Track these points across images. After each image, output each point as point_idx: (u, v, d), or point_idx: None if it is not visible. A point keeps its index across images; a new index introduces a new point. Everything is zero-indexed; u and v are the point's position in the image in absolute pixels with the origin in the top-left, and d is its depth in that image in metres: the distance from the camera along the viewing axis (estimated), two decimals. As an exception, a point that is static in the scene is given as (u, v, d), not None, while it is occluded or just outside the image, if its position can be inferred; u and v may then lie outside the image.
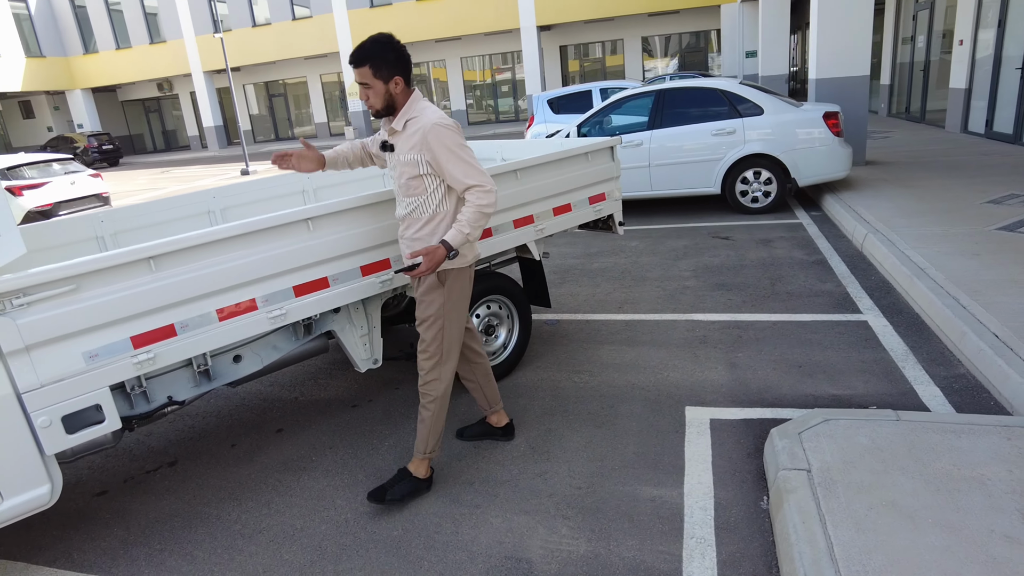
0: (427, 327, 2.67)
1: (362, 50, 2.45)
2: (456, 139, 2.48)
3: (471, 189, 2.48)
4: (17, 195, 10.16)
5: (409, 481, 2.76)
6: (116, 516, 2.88)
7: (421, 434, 2.74)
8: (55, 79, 29.87)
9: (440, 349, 2.68)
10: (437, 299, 2.64)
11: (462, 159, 2.47)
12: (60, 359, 2.27)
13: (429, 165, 2.50)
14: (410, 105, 2.55)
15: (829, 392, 3.25)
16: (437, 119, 2.48)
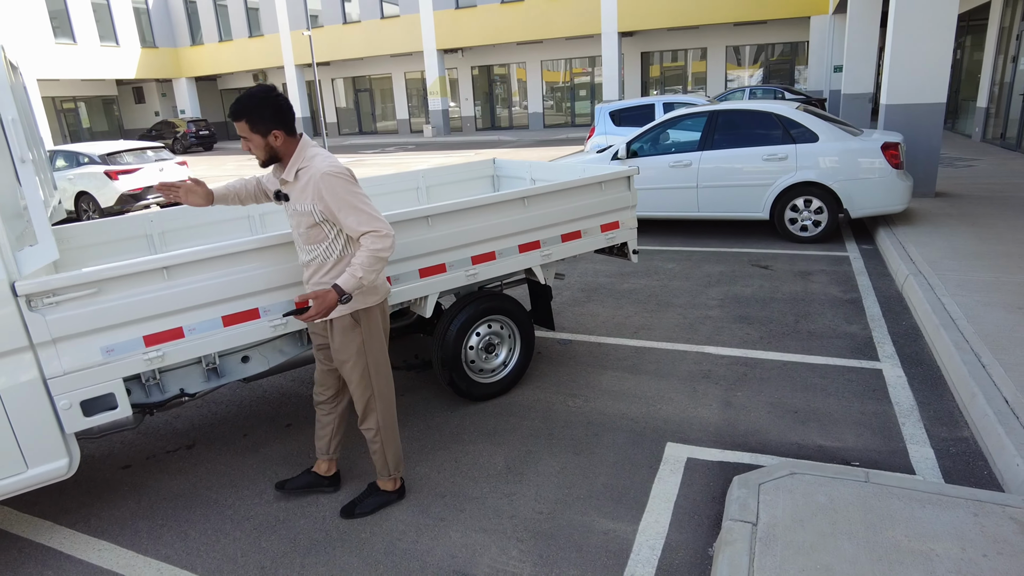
0: (351, 368, 2.71)
1: (239, 104, 2.45)
2: (347, 187, 2.46)
3: (366, 235, 2.47)
4: (113, 179, 11.12)
5: (378, 496, 2.93)
6: (132, 490, 3.23)
7: (378, 463, 2.88)
8: (164, 68, 32.17)
9: (370, 385, 2.75)
10: (355, 339, 2.67)
11: (354, 207, 2.46)
12: (81, 352, 2.59)
13: (323, 214, 2.51)
14: (298, 154, 2.55)
15: (816, 442, 3.21)
16: (326, 168, 2.46)
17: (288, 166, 2.57)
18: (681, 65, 25.72)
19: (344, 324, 2.66)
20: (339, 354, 2.72)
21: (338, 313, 2.63)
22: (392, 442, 2.88)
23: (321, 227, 2.55)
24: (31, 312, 2.47)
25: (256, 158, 2.57)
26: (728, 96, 18.10)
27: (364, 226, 2.46)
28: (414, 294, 3.39)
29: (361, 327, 2.68)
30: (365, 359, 2.72)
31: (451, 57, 28.88)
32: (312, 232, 2.57)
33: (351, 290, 2.47)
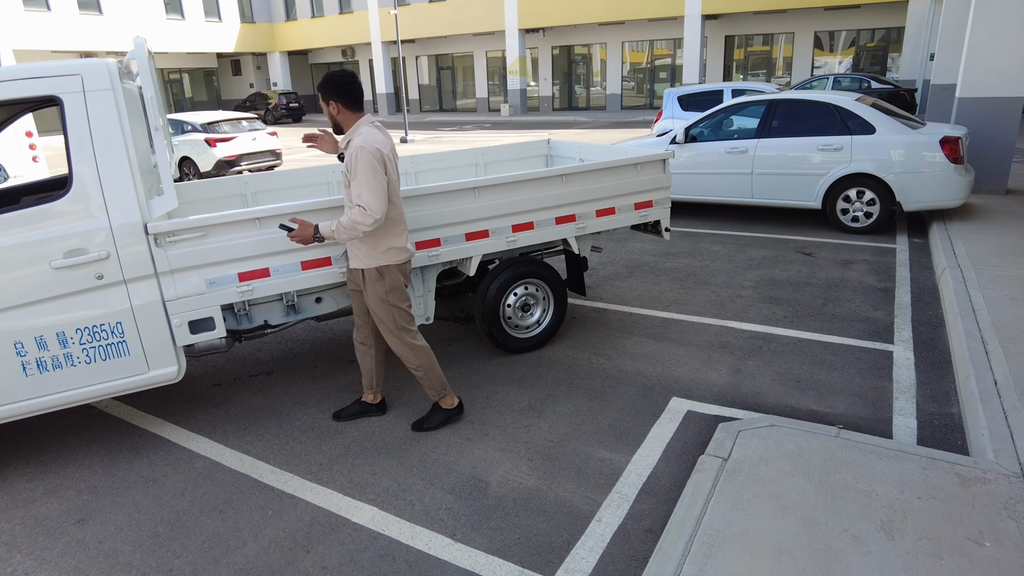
0: (378, 311, 3.24)
1: (323, 80, 3.08)
2: (367, 165, 2.93)
3: (358, 207, 2.96)
4: (212, 146, 12.23)
5: (440, 413, 3.53)
6: (222, 402, 3.95)
7: (427, 387, 3.47)
8: (260, 42, 34.00)
9: (395, 327, 3.28)
10: (379, 289, 3.20)
11: (362, 182, 2.94)
12: (191, 282, 3.27)
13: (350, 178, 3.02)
14: (354, 128, 3.10)
15: (809, 407, 3.56)
16: (360, 143, 2.96)
17: (345, 136, 3.15)
18: (766, 50, 25.06)
19: (371, 276, 3.19)
20: (369, 301, 3.25)
21: (363, 265, 3.18)
22: (433, 370, 3.42)
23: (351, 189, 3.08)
24: (157, 248, 3.16)
25: (332, 125, 3.17)
26: (810, 84, 17.65)
27: (360, 200, 2.95)
28: (460, 255, 3.92)
29: (384, 280, 3.19)
30: (389, 306, 3.24)
31: (532, 37, 29.15)
32: (347, 190, 3.12)
33: (325, 236, 3.06)
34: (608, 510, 2.77)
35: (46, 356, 3.09)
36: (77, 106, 2.99)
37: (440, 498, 2.91)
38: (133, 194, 3.09)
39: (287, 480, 3.12)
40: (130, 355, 3.24)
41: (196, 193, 4.62)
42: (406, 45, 32.70)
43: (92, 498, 3.06)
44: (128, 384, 3.28)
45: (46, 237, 2.98)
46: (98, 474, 3.26)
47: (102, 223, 3.05)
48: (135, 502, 3.01)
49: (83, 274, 3.06)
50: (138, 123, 3.41)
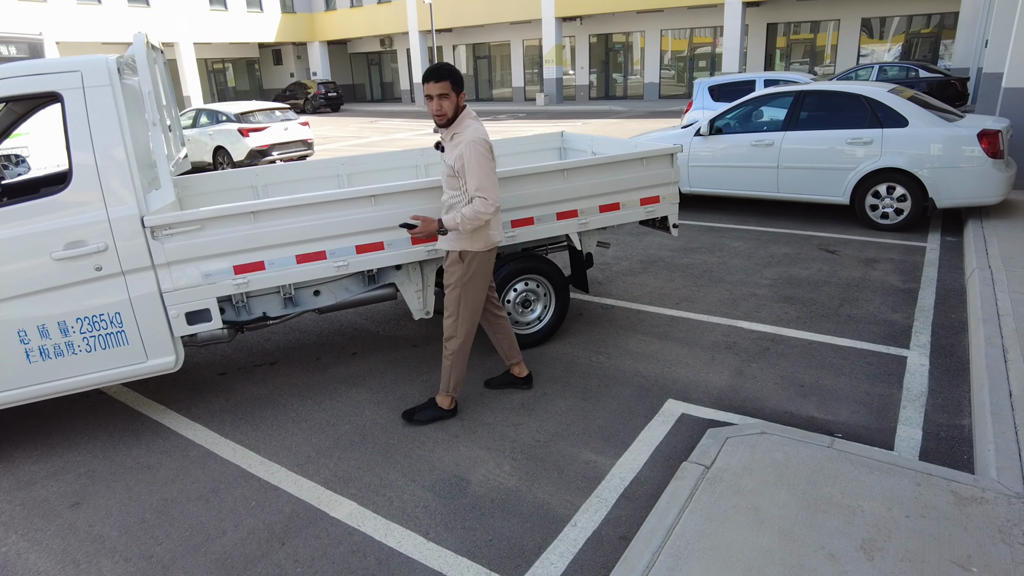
0: (450, 294, 3.38)
1: (444, 68, 3.12)
2: (481, 157, 3.09)
3: (477, 198, 3.10)
4: (245, 136, 12.46)
5: (434, 409, 3.54)
6: (224, 390, 4.03)
7: (444, 376, 3.50)
8: (300, 32, 34.48)
9: (458, 311, 3.37)
10: (457, 272, 3.33)
11: (478, 174, 3.09)
12: (187, 274, 3.33)
13: (460, 171, 3.15)
14: (460, 120, 3.22)
15: (809, 414, 3.44)
16: (474, 137, 3.11)
17: (451, 128, 3.21)
18: (809, 38, 24.26)
19: (453, 257, 3.33)
20: (448, 278, 3.36)
21: (449, 247, 3.30)
22: (459, 367, 3.46)
23: (456, 179, 3.21)
24: (153, 240, 3.22)
25: (443, 115, 3.15)
26: (853, 73, 17.02)
27: (480, 191, 3.09)
28: (457, 250, 3.90)
29: (464, 264, 3.29)
30: (460, 291, 3.33)
31: (569, 25, 28.83)
32: (451, 180, 3.24)
33: (449, 228, 3.17)
34: (585, 515, 2.73)
35: (48, 344, 3.19)
36: (77, 102, 3.06)
37: (419, 496, 2.91)
38: (131, 188, 3.16)
39: (274, 471, 3.16)
40: (129, 344, 3.32)
41: (207, 185, 4.70)
42: (443, 34, 32.72)
43: (89, 482, 3.16)
44: (127, 372, 3.37)
45: (47, 229, 3.07)
46: (98, 458, 3.37)
47: (100, 216, 3.13)
48: (128, 488, 3.10)
49: (83, 265, 3.14)
50: (140, 118, 3.47)
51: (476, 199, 3.11)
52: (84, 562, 2.61)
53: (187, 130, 13.37)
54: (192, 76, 29.38)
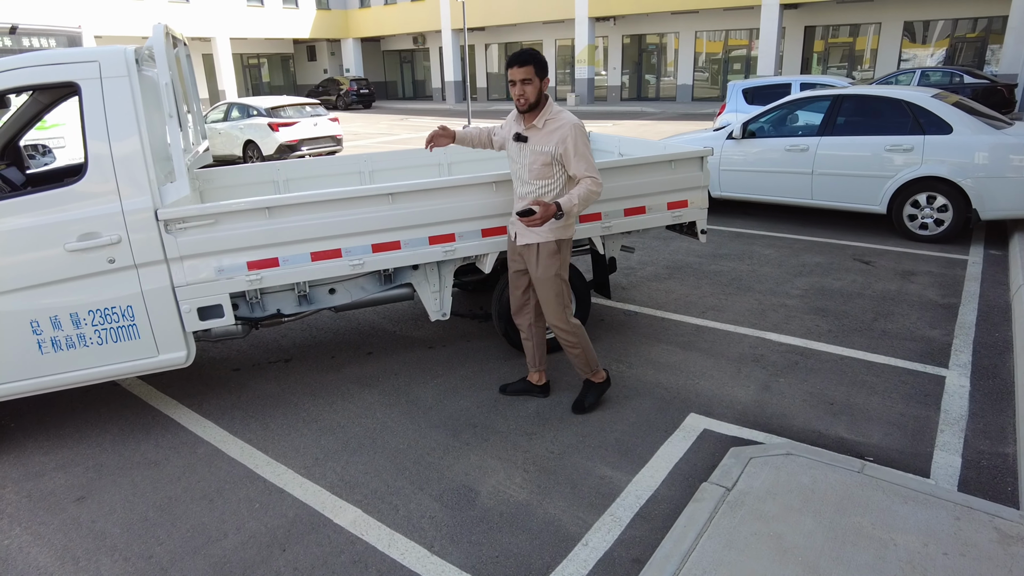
0: (548, 286, 3.29)
1: (528, 53, 3.10)
2: (586, 138, 3.13)
3: (587, 178, 3.09)
4: (275, 131, 12.55)
5: (594, 389, 3.54)
6: (237, 387, 3.98)
7: (580, 364, 3.46)
8: (334, 28, 34.77)
9: (562, 302, 3.34)
10: (555, 262, 3.27)
11: (585, 156, 3.11)
12: (200, 269, 3.28)
13: (561, 157, 3.12)
14: (548, 107, 3.18)
15: (838, 434, 3.26)
16: (576, 121, 3.10)
17: (539, 115, 3.16)
18: (848, 41, 23.66)
19: (549, 249, 3.24)
20: (541, 276, 3.28)
21: (545, 238, 3.21)
22: (587, 347, 3.44)
23: (551, 167, 3.16)
24: (167, 234, 3.18)
25: (525, 101, 3.11)
26: (894, 78, 16.53)
27: (588, 172, 3.10)
28: (476, 251, 3.80)
29: (560, 253, 3.26)
30: (560, 280, 3.29)
31: (602, 25, 28.57)
32: (543, 169, 3.17)
33: (566, 210, 3.05)
34: (597, 534, 2.60)
35: (60, 336, 3.17)
36: (94, 92, 3.02)
37: (426, 505, 2.81)
38: (145, 180, 3.11)
39: (280, 473, 3.09)
40: (140, 338, 3.29)
41: (228, 179, 4.68)
42: (476, 33, 32.69)
43: (96, 476, 3.13)
44: (138, 367, 3.34)
45: (61, 220, 3.05)
46: (107, 452, 3.34)
47: (115, 208, 3.09)
48: (134, 483, 3.06)
49: (96, 257, 3.11)
50: (158, 110, 3.44)
51: (587, 179, 3.08)
52: (84, 559, 2.57)
53: (218, 123, 13.52)
54: (228, 71, 29.80)
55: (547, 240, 3.22)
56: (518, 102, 3.13)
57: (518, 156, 3.28)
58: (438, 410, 3.61)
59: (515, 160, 3.31)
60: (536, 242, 3.24)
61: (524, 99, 3.10)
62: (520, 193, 3.33)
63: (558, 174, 3.18)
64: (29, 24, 9.47)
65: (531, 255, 3.28)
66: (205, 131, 4.63)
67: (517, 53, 3.10)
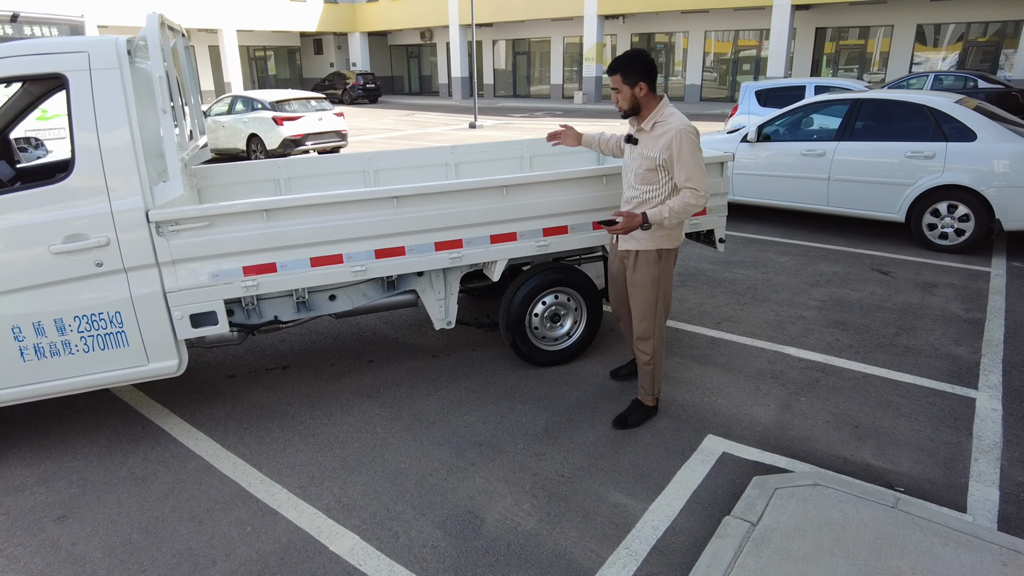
0: (644, 296, 3.19)
1: (617, 61, 2.97)
2: (692, 146, 2.93)
3: (688, 189, 2.94)
4: (279, 125, 12.36)
5: (643, 410, 3.42)
6: (232, 396, 3.81)
7: (646, 381, 3.37)
8: (341, 22, 34.54)
9: (654, 312, 3.22)
10: (653, 272, 3.16)
11: (690, 164, 2.93)
12: (193, 273, 3.10)
13: (666, 162, 2.98)
14: (659, 110, 3.02)
15: (865, 461, 3.08)
16: (684, 126, 2.93)
17: (647, 118, 3.03)
18: (860, 44, 23.39)
19: (649, 258, 3.13)
20: (637, 283, 3.18)
21: (645, 246, 3.10)
22: (660, 367, 3.35)
23: (657, 172, 3.03)
24: (158, 236, 3.00)
25: (620, 107, 3.05)
26: (906, 82, 16.29)
27: (690, 182, 2.93)
28: (484, 258, 3.62)
29: (661, 263, 3.15)
30: (656, 291, 3.18)
31: (611, 23, 28.32)
32: (648, 175, 3.05)
33: (654, 223, 2.98)
34: (611, 569, 2.42)
35: (44, 342, 2.99)
36: (82, 85, 2.84)
37: (428, 532, 2.64)
38: (136, 179, 2.93)
39: (274, 493, 2.92)
40: (129, 346, 3.11)
41: (228, 176, 4.50)
42: (484, 29, 32.45)
43: (80, 492, 2.96)
44: (127, 375, 3.16)
45: (46, 220, 2.87)
46: (93, 465, 3.17)
47: (103, 208, 2.91)
48: (119, 501, 2.89)
49: (82, 260, 2.94)
50: (152, 104, 3.25)
51: (686, 190, 2.95)
52: (61, 587, 2.40)
53: (222, 116, 13.34)
54: (233, 63, 29.61)
55: (647, 249, 3.12)
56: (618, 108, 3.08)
57: (628, 159, 3.20)
58: (442, 425, 3.43)
59: (625, 164, 3.23)
60: (636, 249, 3.15)
61: (619, 107, 3.06)
62: (625, 197, 3.22)
63: (664, 180, 3.05)
64: (31, 12, 9.29)
65: (630, 261, 3.21)
66: (204, 125, 4.45)
67: (614, 59, 2.99)
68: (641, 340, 3.27)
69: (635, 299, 3.23)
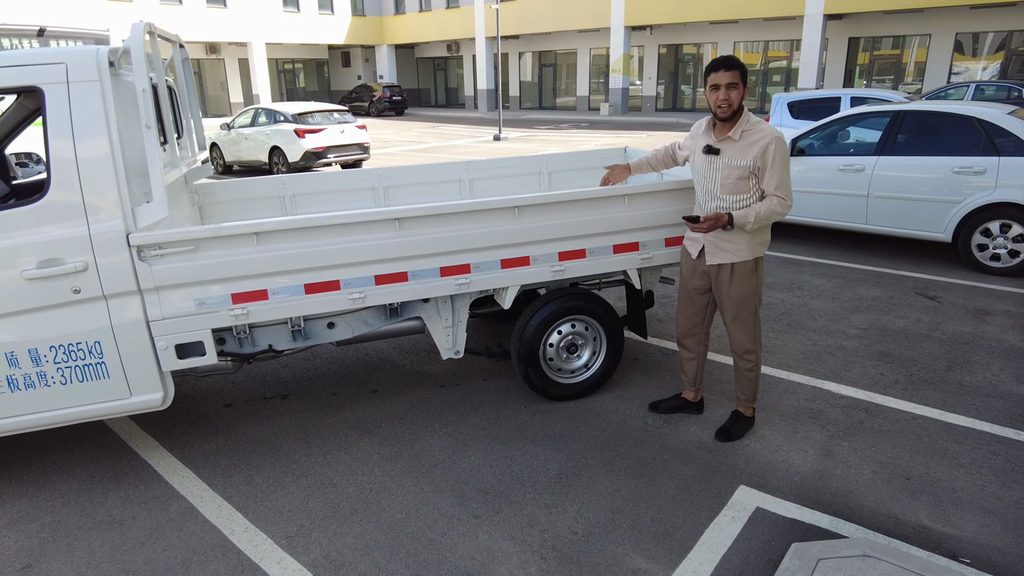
0: (745, 306, 3.14)
1: (734, 59, 2.91)
2: (787, 154, 2.94)
3: (776, 196, 2.93)
4: (301, 137, 12.28)
5: (744, 421, 3.39)
6: (225, 427, 3.57)
7: (749, 389, 3.32)
8: (369, 35, 34.81)
9: (756, 321, 3.19)
10: (751, 280, 3.11)
11: (781, 173, 2.92)
12: (178, 301, 2.87)
13: (758, 171, 2.93)
14: (745, 118, 2.97)
15: (921, 522, 2.70)
16: (779, 133, 2.90)
17: (736, 126, 2.96)
18: (895, 54, 22.73)
19: (747, 268, 3.09)
20: (735, 295, 3.12)
21: (745, 256, 3.06)
22: (760, 371, 3.32)
23: (748, 181, 2.97)
24: (140, 261, 2.78)
25: (728, 107, 2.90)
26: (944, 92, 15.69)
27: (780, 190, 2.93)
28: (494, 284, 3.34)
29: (758, 271, 3.11)
30: (755, 299, 3.14)
31: (638, 35, 28.02)
32: (739, 184, 2.98)
33: (738, 224, 2.95)
34: (629, 652, 2.10)
35: (17, 374, 2.78)
36: (59, 98, 2.64)
37: (421, 599, 2.35)
38: (116, 200, 2.72)
39: (258, 543, 2.66)
40: (110, 378, 2.89)
41: (230, 193, 4.30)
42: (510, 41, 32.38)
43: (50, 537, 2.73)
44: (108, 409, 2.94)
45: (18, 244, 2.66)
46: (69, 505, 2.94)
47: (80, 231, 2.70)
48: (90, 550, 2.65)
49: (58, 286, 2.72)
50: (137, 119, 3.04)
51: (774, 198, 2.93)
52: (13, 654, 2.16)
53: (245, 128, 13.33)
54: (262, 76, 29.97)
55: (744, 259, 3.06)
56: (719, 108, 2.92)
57: (707, 170, 3.07)
58: (444, 468, 3.15)
59: (703, 174, 3.11)
60: (731, 261, 3.08)
61: (728, 104, 2.89)
62: (709, 209, 3.10)
63: (754, 188, 2.99)
64: (57, 27, 9.34)
65: (724, 274, 3.13)
66: (204, 141, 4.26)
67: (723, 57, 2.89)
68: (750, 352, 3.23)
69: (734, 312, 3.16)
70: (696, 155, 3.14)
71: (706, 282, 3.25)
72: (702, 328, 3.39)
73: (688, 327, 3.40)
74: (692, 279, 3.29)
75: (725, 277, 3.12)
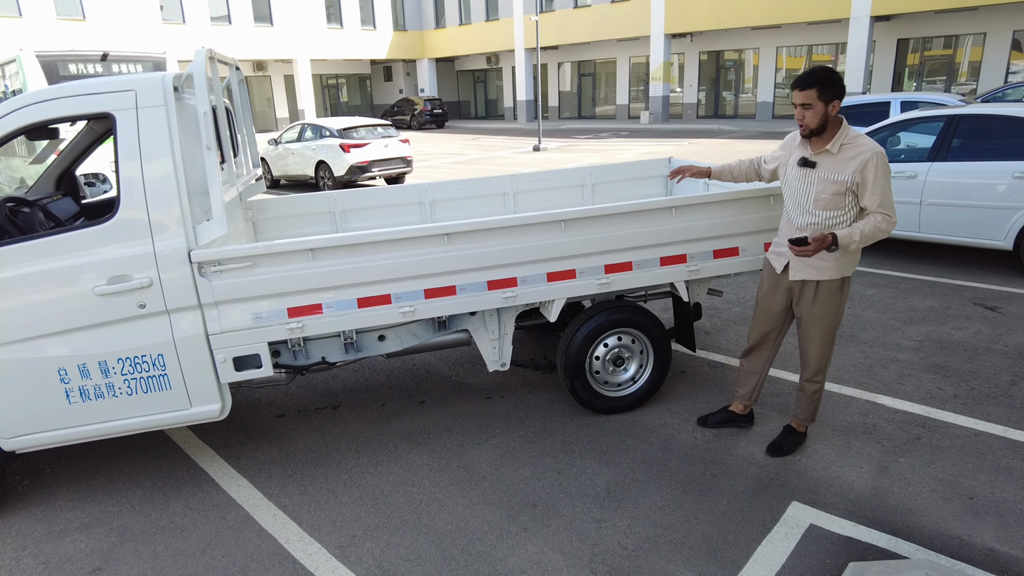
0: (825, 325, 3.05)
1: (810, 75, 2.78)
2: (887, 170, 2.80)
3: (880, 214, 2.79)
4: (346, 151, 12.56)
5: (797, 436, 3.33)
6: (278, 438, 3.68)
7: (809, 409, 3.26)
8: (410, 49, 35.43)
9: (832, 342, 3.11)
10: (836, 300, 3.02)
11: (884, 189, 2.79)
12: (236, 315, 2.99)
13: (857, 186, 2.80)
14: (843, 131, 2.85)
15: (987, 544, 2.61)
16: (880, 148, 2.79)
17: (833, 139, 2.84)
18: (947, 54, 22.00)
19: (833, 287, 3.00)
20: (817, 314, 3.04)
21: (833, 275, 2.97)
22: (823, 391, 3.27)
23: (844, 197, 2.85)
24: (201, 277, 2.90)
25: (807, 126, 2.83)
26: (1001, 93, 15.11)
27: (884, 208, 2.79)
28: (540, 297, 3.37)
29: (843, 291, 3.03)
30: (836, 320, 3.06)
31: (678, 42, 27.81)
32: (834, 199, 2.86)
33: (843, 244, 2.81)
34: (682, 671, 2.09)
35: (88, 384, 2.93)
36: (129, 123, 2.79)
37: (473, 611, 2.37)
38: (179, 218, 2.85)
39: (313, 552, 2.72)
40: (171, 389, 3.02)
41: (281, 209, 4.44)
42: (549, 52, 32.52)
43: (118, 541, 2.86)
44: (169, 419, 3.07)
45: (92, 261, 2.81)
46: (134, 511, 3.07)
47: (146, 249, 2.84)
48: (155, 554, 2.76)
49: (126, 302, 2.86)
50: (198, 141, 3.18)
51: (878, 215, 2.79)
52: (86, 654, 2.26)
53: (292, 144, 13.70)
54: (307, 91, 30.77)
55: (831, 278, 2.96)
56: (800, 127, 2.86)
57: (800, 183, 2.97)
58: (493, 480, 3.17)
59: (796, 188, 3.00)
60: (817, 279, 2.98)
61: (804, 125, 2.83)
62: (800, 224, 2.99)
63: (850, 205, 2.87)
64: (118, 51, 9.80)
65: (808, 291, 3.04)
66: (258, 159, 4.41)
67: (803, 74, 2.79)
68: (816, 372, 3.15)
69: (814, 330, 3.06)
70: (789, 167, 3.03)
71: (787, 299, 3.15)
72: (773, 346, 3.30)
73: (759, 342, 3.31)
74: (774, 294, 3.19)
75: (809, 294, 3.03)
